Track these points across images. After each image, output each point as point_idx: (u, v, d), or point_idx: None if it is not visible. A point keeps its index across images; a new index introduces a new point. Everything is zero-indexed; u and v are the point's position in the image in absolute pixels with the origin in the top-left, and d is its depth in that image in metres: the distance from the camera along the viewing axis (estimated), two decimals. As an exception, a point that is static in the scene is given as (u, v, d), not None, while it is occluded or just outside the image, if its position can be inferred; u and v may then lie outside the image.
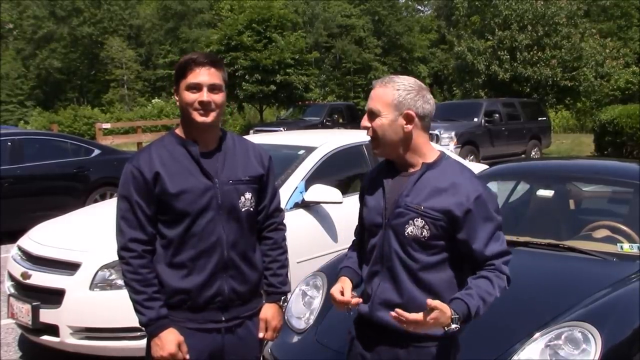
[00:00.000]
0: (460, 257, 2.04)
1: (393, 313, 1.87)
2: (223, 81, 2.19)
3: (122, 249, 2.17)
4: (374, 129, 2.04)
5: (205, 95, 2.12)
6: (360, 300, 2.10)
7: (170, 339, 2.13)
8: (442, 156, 2.09)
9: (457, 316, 1.87)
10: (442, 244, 2.01)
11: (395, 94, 2.01)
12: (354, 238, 2.38)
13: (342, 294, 2.10)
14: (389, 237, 2.04)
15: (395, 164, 2.11)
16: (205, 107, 2.13)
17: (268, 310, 2.35)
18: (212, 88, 2.14)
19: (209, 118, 2.15)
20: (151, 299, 2.14)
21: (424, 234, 1.98)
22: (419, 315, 1.84)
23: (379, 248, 2.08)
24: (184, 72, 2.14)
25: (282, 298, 2.39)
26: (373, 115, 2.04)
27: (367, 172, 2.30)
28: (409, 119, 2.02)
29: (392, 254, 2.03)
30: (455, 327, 1.86)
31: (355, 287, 2.18)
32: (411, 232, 1.99)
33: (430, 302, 1.83)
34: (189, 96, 2.13)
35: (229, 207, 2.19)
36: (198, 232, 2.15)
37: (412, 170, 2.06)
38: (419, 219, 1.98)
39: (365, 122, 2.07)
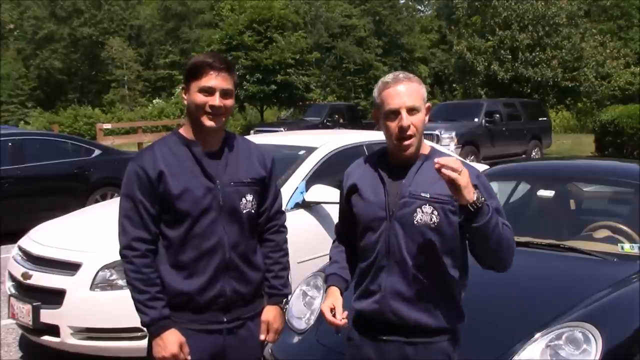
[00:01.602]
0: (464, 241, 2.06)
1: (437, 165, 1.85)
2: (234, 86, 2.20)
3: (125, 247, 2.16)
4: (415, 126, 2.03)
5: (217, 100, 2.13)
6: (347, 321, 2.09)
7: (172, 339, 2.13)
8: (434, 149, 2.16)
9: (479, 193, 1.89)
10: (450, 231, 2.03)
11: (422, 88, 2.07)
12: (335, 238, 2.38)
13: (333, 310, 2.10)
14: (395, 229, 2.04)
15: (391, 158, 2.12)
16: (215, 111, 2.14)
17: (270, 313, 2.35)
18: (224, 93, 2.15)
19: (218, 123, 2.16)
20: (154, 299, 2.13)
21: (433, 219, 2.00)
22: (453, 161, 1.85)
23: (384, 242, 2.07)
24: (198, 74, 2.13)
25: (284, 300, 2.39)
26: (413, 112, 2.03)
27: (348, 172, 2.25)
28: (428, 111, 2.09)
29: (400, 245, 2.03)
30: (481, 203, 1.88)
31: (342, 293, 2.19)
32: (420, 219, 2.01)
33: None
34: (201, 98, 2.13)
35: (231, 208, 2.19)
36: (199, 233, 2.16)
37: (408, 162, 2.08)
38: (427, 205, 2.00)
39: (408, 120, 2.01)
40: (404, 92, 2.02)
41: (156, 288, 2.14)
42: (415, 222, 2.01)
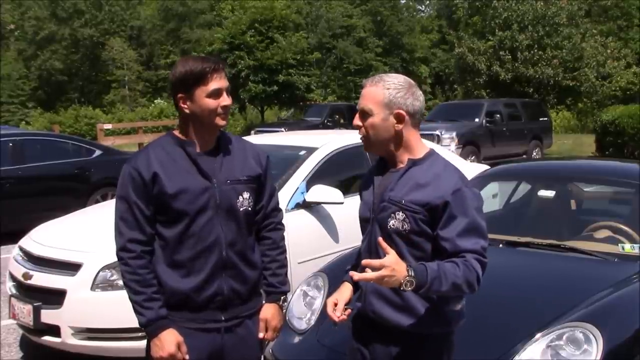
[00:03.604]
0: (440, 257, 2.01)
1: (356, 275, 1.86)
2: None
3: (120, 249, 2.18)
4: (365, 128, 2.07)
5: (228, 99, 2.19)
6: (346, 317, 2.12)
7: (169, 339, 2.13)
8: (430, 153, 2.11)
9: (412, 278, 1.84)
10: (423, 241, 2.02)
11: (386, 93, 2.03)
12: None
13: (336, 305, 2.12)
14: (376, 231, 2.08)
15: (387, 161, 2.14)
16: (227, 110, 2.19)
17: (268, 310, 2.36)
18: (228, 91, 2.21)
19: (227, 120, 2.22)
20: (150, 300, 2.14)
21: (404, 227, 2.00)
22: (370, 275, 1.83)
23: (367, 242, 2.13)
24: (203, 80, 2.13)
25: (282, 298, 2.40)
26: (365, 115, 2.06)
27: (366, 172, 2.34)
28: (399, 118, 2.04)
29: (378, 247, 2.04)
30: (406, 289, 1.85)
31: (356, 291, 2.20)
32: (393, 225, 2.02)
33: (373, 261, 1.84)
34: (212, 102, 2.15)
35: (227, 206, 2.20)
36: (196, 232, 2.16)
37: (400, 166, 2.09)
38: (400, 212, 2.01)
39: (357, 121, 2.09)
40: (363, 95, 2.08)
41: (152, 289, 2.15)
42: (389, 227, 2.03)
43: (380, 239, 1.94)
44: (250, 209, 2.27)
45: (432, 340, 2.05)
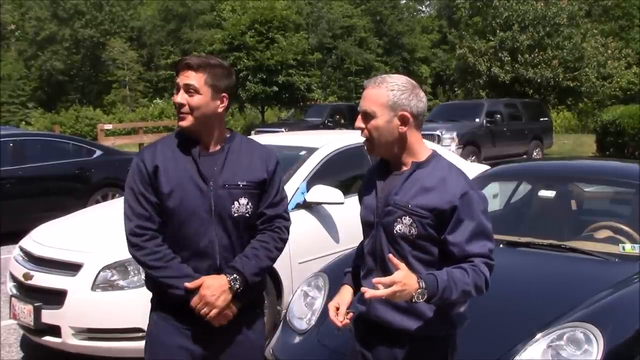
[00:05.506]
0: (447, 260, 2.01)
1: (368, 293, 1.85)
2: (206, 84, 2.14)
3: (130, 234, 2.15)
4: (369, 130, 2.03)
5: (178, 97, 2.15)
6: (348, 321, 2.11)
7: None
8: (433, 155, 2.09)
9: (423, 290, 1.84)
10: (429, 245, 2.00)
11: (390, 95, 2.00)
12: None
13: (338, 309, 2.11)
14: (380, 235, 2.05)
15: (389, 163, 2.12)
16: (177, 108, 2.16)
17: (209, 279, 2.14)
18: (187, 89, 2.14)
19: (185, 122, 2.15)
20: (178, 270, 2.13)
21: (412, 232, 1.98)
22: (382, 292, 1.83)
23: (371, 246, 2.09)
24: (176, 74, 2.18)
25: (236, 278, 2.15)
26: (368, 117, 2.03)
27: (365, 173, 2.30)
28: (404, 120, 2.01)
29: (383, 251, 2.04)
30: (419, 301, 1.86)
31: (356, 293, 2.19)
32: (400, 230, 2.00)
33: (384, 280, 1.84)
34: (174, 97, 2.17)
35: (221, 211, 2.16)
36: (190, 234, 2.15)
37: (404, 169, 2.07)
38: (407, 217, 1.98)
39: (359, 123, 2.05)
40: (365, 96, 2.05)
41: (177, 259, 2.13)
42: (395, 232, 2.01)
43: (390, 255, 1.91)
44: (248, 215, 2.20)
45: (437, 342, 2.05)
